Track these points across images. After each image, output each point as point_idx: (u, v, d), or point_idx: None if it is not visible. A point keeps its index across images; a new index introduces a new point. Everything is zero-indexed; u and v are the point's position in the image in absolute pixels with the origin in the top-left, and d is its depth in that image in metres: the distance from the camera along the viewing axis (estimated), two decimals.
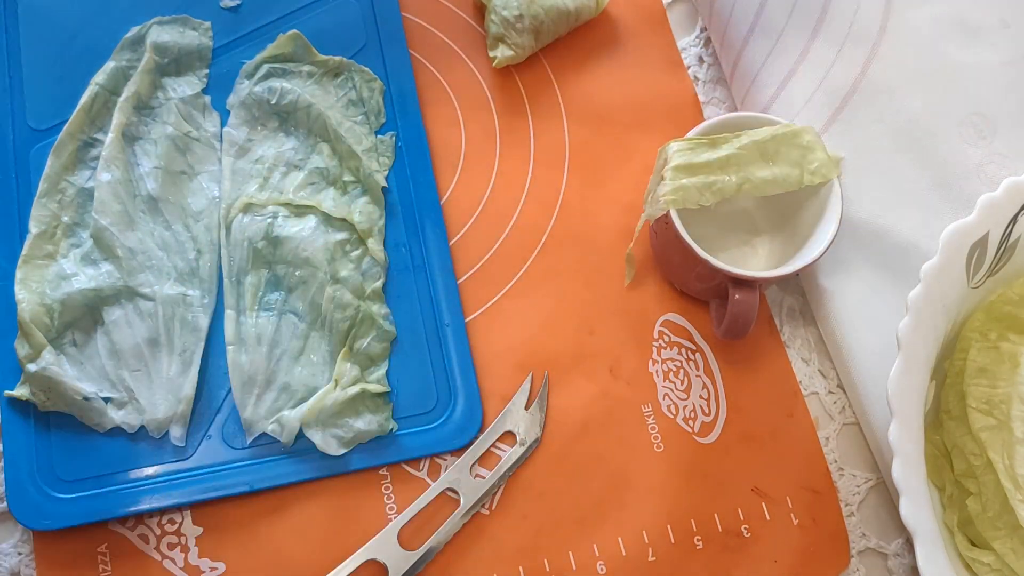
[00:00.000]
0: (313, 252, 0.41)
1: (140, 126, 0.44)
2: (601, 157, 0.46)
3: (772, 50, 0.44)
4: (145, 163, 0.43)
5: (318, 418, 0.39)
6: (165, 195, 0.43)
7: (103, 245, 0.41)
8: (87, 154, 0.43)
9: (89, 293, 0.40)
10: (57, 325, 0.40)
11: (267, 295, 0.41)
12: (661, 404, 0.42)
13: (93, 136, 0.43)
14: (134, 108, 0.43)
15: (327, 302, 0.41)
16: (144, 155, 0.43)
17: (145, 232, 0.42)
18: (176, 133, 0.44)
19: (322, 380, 0.40)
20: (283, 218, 0.42)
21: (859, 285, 0.42)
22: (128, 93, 0.43)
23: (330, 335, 0.41)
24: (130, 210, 0.42)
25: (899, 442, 0.33)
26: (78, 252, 0.41)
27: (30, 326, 0.39)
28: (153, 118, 0.44)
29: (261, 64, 0.45)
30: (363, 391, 0.39)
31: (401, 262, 0.43)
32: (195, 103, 0.45)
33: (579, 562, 0.39)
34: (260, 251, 0.42)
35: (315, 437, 0.39)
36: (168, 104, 0.44)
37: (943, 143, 0.43)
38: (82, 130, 0.43)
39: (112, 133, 0.42)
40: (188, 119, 0.44)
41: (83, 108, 0.43)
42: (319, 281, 0.41)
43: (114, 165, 0.42)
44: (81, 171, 0.43)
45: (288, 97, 0.44)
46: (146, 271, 0.41)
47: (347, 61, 0.46)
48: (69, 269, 0.41)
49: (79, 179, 0.42)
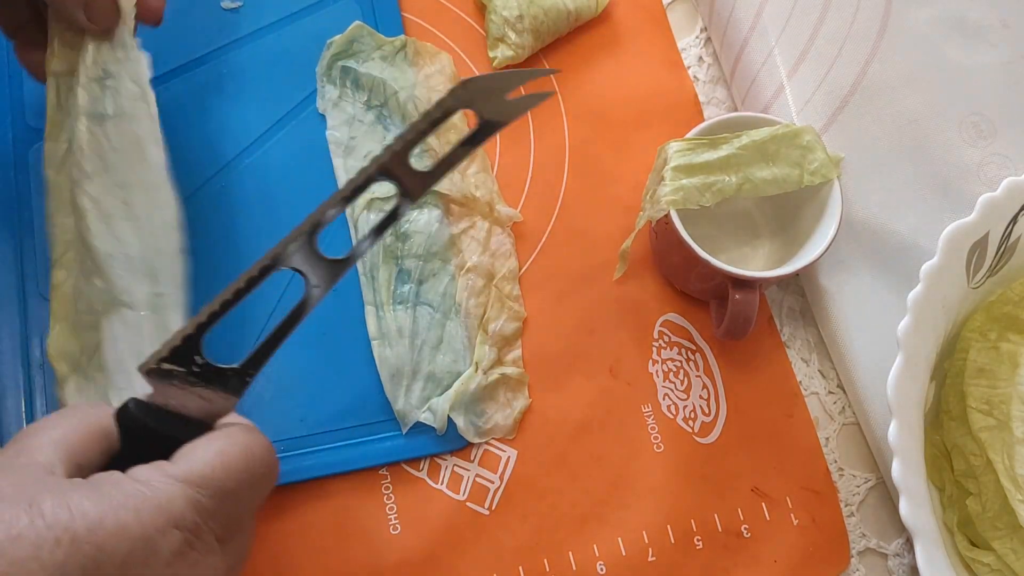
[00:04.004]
0: (441, 247, 0.42)
1: (103, 102, 0.37)
2: (601, 157, 0.46)
3: (772, 50, 0.44)
4: (120, 144, 0.37)
5: (461, 401, 0.40)
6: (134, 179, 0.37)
7: (92, 254, 0.38)
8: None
9: (87, 309, 0.37)
10: (86, 351, 0.37)
11: (398, 288, 0.42)
12: (661, 404, 0.42)
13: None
14: (95, 80, 0.37)
15: (460, 291, 0.41)
16: (118, 136, 0.37)
17: (123, 228, 0.37)
18: (128, 101, 0.37)
19: (463, 365, 0.41)
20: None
21: (859, 285, 0.42)
22: (84, 67, 0.37)
23: (466, 320, 0.41)
24: (106, 205, 0.37)
25: (899, 442, 0.33)
26: (81, 266, 0.39)
27: (51, 360, 0.37)
28: (115, 89, 0.37)
29: (333, 63, 0.45)
30: (502, 376, 0.41)
31: None
32: (135, 54, 0.38)
33: (579, 562, 0.39)
34: (389, 247, 0.42)
35: (459, 421, 0.40)
36: (124, 65, 0.38)
37: (943, 143, 0.43)
38: (62, 128, 0.38)
39: (80, 119, 0.36)
40: (135, 79, 0.38)
41: (52, 107, 0.38)
42: (449, 273, 0.42)
43: (91, 156, 0.36)
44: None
45: (373, 91, 0.44)
46: (127, 275, 0.37)
47: (409, 38, 0.46)
48: (82, 287, 0.39)
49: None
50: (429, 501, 0.40)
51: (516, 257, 0.43)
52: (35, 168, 0.43)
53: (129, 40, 0.38)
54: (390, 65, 0.45)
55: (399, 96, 0.44)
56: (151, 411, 0.27)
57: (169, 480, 0.24)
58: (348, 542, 0.39)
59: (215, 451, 0.25)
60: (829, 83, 0.43)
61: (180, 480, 0.24)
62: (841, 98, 0.43)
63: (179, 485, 0.24)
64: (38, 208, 0.43)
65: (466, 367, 0.41)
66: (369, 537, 0.38)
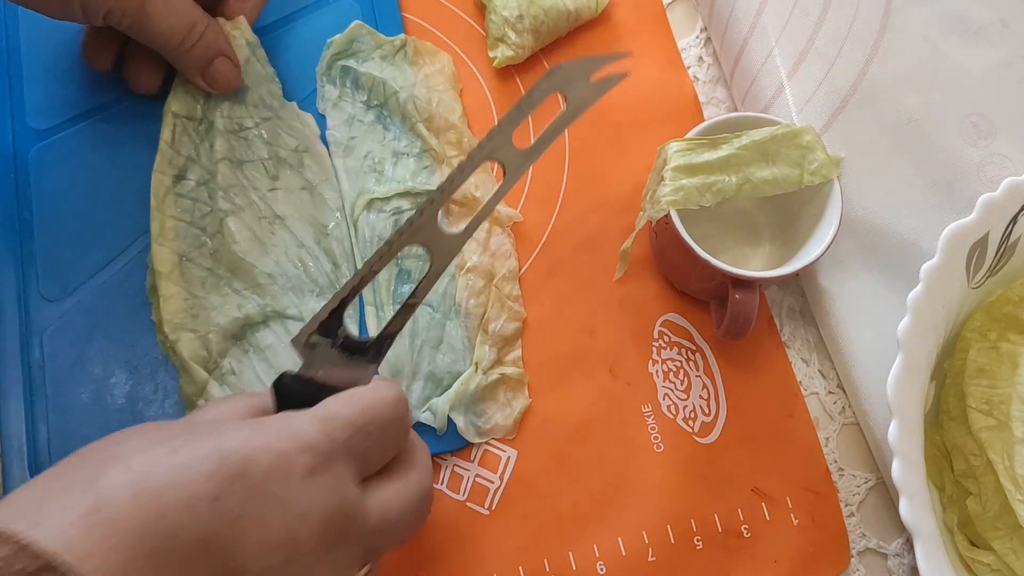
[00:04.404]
0: None
1: (242, 149, 0.43)
2: (601, 157, 0.46)
3: (772, 50, 0.44)
4: (262, 185, 0.42)
5: (461, 401, 0.40)
6: (290, 213, 0.42)
7: (243, 275, 0.41)
8: (180, 187, 0.42)
9: (240, 321, 0.40)
10: (214, 356, 0.40)
11: (399, 288, 0.42)
12: (661, 404, 0.42)
13: (182, 167, 0.42)
14: (232, 133, 0.43)
15: (460, 291, 0.41)
16: (258, 178, 0.42)
17: (279, 253, 0.42)
18: (286, 153, 0.43)
19: (464, 365, 0.41)
20: (407, 212, 0.42)
21: (859, 285, 0.42)
22: (222, 120, 0.43)
23: (466, 320, 0.41)
24: (259, 234, 0.42)
25: (899, 442, 0.33)
26: (213, 282, 0.41)
27: (190, 363, 0.39)
28: (250, 140, 0.43)
29: (332, 63, 0.45)
30: (501, 376, 0.41)
31: None
32: (287, 113, 0.44)
33: (579, 562, 0.39)
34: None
35: (458, 421, 0.40)
36: (264, 124, 0.43)
37: (943, 143, 0.43)
38: (171, 164, 0.42)
39: (220, 164, 0.42)
40: (291, 132, 0.44)
41: (166, 142, 0.42)
42: (449, 273, 0.42)
43: (232, 193, 0.42)
44: (180, 204, 0.42)
45: (373, 90, 0.44)
46: (288, 293, 0.41)
47: (409, 37, 0.46)
48: (215, 301, 0.40)
49: (181, 213, 0.42)
50: None
51: (516, 257, 0.44)
52: (35, 168, 0.43)
53: (273, 102, 0.44)
54: (390, 65, 0.45)
55: (399, 96, 0.44)
56: (302, 381, 0.30)
57: (307, 416, 0.28)
58: None
59: (348, 396, 0.29)
60: (829, 83, 0.43)
61: (315, 416, 0.28)
62: (841, 98, 0.43)
63: (315, 419, 0.28)
64: (38, 208, 0.43)
65: (466, 367, 0.41)
66: None
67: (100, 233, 0.43)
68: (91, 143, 0.44)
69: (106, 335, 0.41)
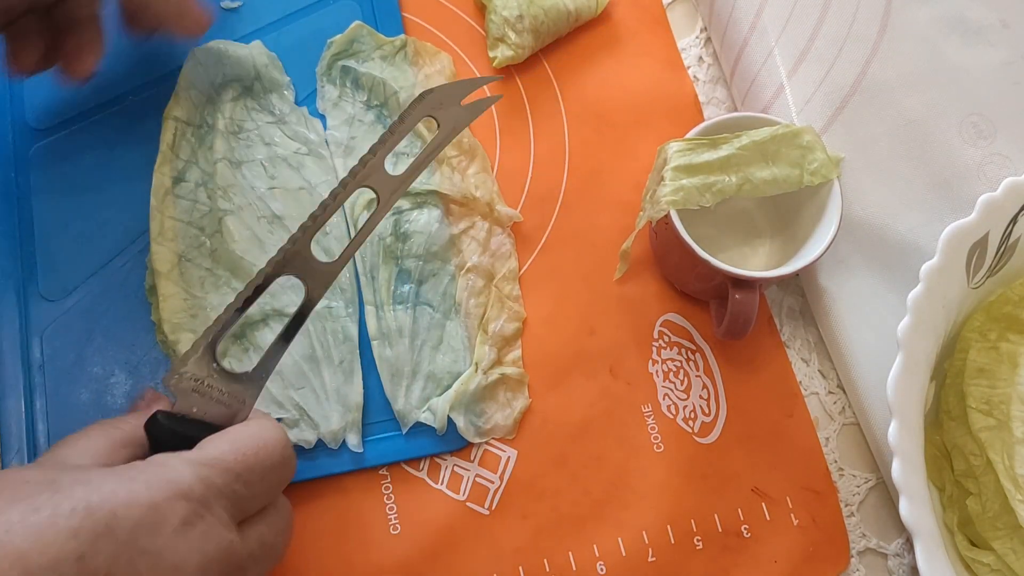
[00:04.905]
0: (441, 247, 0.42)
1: (241, 150, 0.43)
2: (601, 157, 0.46)
3: (772, 50, 0.44)
4: (260, 184, 0.42)
5: (461, 401, 0.40)
6: (289, 212, 0.42)
7: (242, 274, 0.41)
8: (179, 188, 0.42)
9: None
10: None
11: (399, 288, 0.42)
12: (661, 404, 0.42)
13: (181, 169, 0.42)
14: (232, 134, 0.43)
15: (460, 291, 0.42)
16: (256, 177, 0.43)
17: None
18: (286, 153, 0.43)
19: (463, 365, 0.41)
20: (407, 212, 0.42)
21: (859, 285, 0.42)
22: (223, 121, 0.43)
23: (466, 320, 0.41)
24: (258, 233, 0.42)
25: (899, 442, 0.33)
26: (212, 281, 0.41)
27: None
28: (250, 142, 0.43)
29: (333, 63, 0.45)
30: (501, 376, 0.41)
31: None
32: (295, 118, 0.44)
33: (579, 562, 0.39)
34: (389, 247, 0.42)
35: (458, 421, 0.40)
36: (267, 126, 0.44)
37: (943, 143, 0.43)
38: (171, 167, 0.42)
39: (219, 164, 0.42)
40: (294, 137, 0.44)
41: (167, 146, 0.42)
42: (450, 273, 0.42)
43: (231, 193, 0.42)
44: (179, 205, 0.42)
45: (373, 90, 0.44)
46: (288, 292, 0.41)
47: (409, 37, 0.46)
48: (214, 301, 0.40)
49: (180, 214, 0.42)
50: (429, 501, 0.40)
51: (516, 257, 0.44)
52: (35, 168, 0.43)
53: (283, 107, 0.44)
54: (390, 65, 0.45)
55: (399, 96, 0.44)
56: (176, 419, 0.29)
57: (181, 460, 0.27)
58: (348, 542, 0.39)
59: (228, 438, 0.28)
60: (829, 83, 0.43)
61: (192, 461, 0.27)
62: (841, 98, 0.43)
63: (190, 464, 0.26)
64: (38, 208, 0.43)
65: (466, 367, 0.41)
66: (369, 537, 0.38)
67: (99, 233, 0.43)
68: (91, 143, 0.44)
69: (106, 335, 0.41)
